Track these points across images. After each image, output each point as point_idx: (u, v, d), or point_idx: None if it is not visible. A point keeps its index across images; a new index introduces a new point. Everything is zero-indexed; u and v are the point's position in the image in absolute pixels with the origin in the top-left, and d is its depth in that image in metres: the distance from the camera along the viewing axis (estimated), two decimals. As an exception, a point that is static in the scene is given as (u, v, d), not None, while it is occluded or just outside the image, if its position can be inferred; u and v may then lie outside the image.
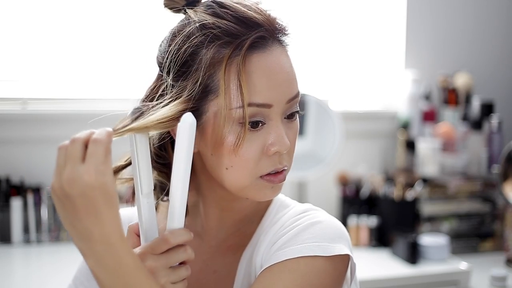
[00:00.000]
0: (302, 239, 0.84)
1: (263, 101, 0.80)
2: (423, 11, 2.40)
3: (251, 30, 0.81)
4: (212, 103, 0.80)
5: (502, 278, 1.77)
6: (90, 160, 0.69)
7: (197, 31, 0.81)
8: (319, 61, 2.34)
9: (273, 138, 0.81)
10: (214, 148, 0.81)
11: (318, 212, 0.89)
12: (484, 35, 2.48)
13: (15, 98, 2.03)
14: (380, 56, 2.40)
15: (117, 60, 2.10)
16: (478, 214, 2.12)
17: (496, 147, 2.19)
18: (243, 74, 0.79)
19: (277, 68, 0.81)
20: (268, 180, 0.83)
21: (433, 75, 2.37)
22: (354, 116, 2.32)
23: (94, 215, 0.69)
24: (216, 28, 0.80)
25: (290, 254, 0.82)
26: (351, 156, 2.28)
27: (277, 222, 0.90)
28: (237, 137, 0.79)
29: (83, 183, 0.68)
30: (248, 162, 0.81)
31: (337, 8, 2.35)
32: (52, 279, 1.67)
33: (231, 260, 0.92)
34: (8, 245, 1.93)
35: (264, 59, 0.81)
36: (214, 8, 0.83)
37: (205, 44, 0.80)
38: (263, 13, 0.83)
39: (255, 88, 0.79)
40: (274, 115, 0.81)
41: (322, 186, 2.22)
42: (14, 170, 2.01)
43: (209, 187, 0.89)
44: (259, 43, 0.81)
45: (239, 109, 0.79)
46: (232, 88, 0.79)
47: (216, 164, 0.82)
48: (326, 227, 0.86)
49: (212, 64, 0.80)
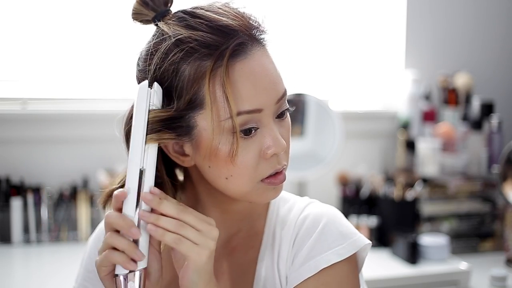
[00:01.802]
0: (326, 246, 0.87)
1: (252, 108, 0.79)
2: (423, 11, 2.40)
3: (229, 38, 0.79)
4: (200, 117, 0.79)
5: (502, 278, 1.77)
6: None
7: (174, 47, 0.79)
8: (319, 61, 2.34)
9: (269, 141, 0.81)
10: (211, 160, 0.81)
11: (317, 208, 0.93)
12: (484, 35, 2.48)
13: (15, 98, 2.03)
14: (380, 56, 2.40)
15: (117, 60, 2.10)
16: (478, 214, 2.12)
17: (496, 147, 2.19)
18: (228, 85, 0.78)
19: (261, 72, 0.80)
20: (269, 182, 0.83)
21: (433, 75, 2.37)
22: (354, 116, 2.32)
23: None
24: (193, 42, 0.79)
25: (319, 265, 0.86)
26: (351, 156, 2.28)
27: (286, 224, 0.92)
28: (231, 147, 0.79)
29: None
30: (247, 169, 0.81)
31: (337, 8, 2.35)
32: (52, 279, 1.67)
33: (242, 262, 0.92)
34: (8, 245, 1.93)
35: (247, 65, 0.80)
36: (187, 20, 0.81)
37: (184, 59, 0.79)
38: (238, 17, 0.81)
39: (242, 96, 0.78)
40: (265, 118, 0.81)
41: (322, 186, 2.22)
42: (14, 170, 2.01)
43: (208, 194, 0.89)
44: (239, 50, 0.79)
45: (229, 119, 0.78)
46: (218, 100, 0.78)
47: (215, 175, 0.82)
48: (337, 224, 0.90)
49: (195, 79, 0.78)
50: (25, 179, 2.01)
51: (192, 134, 0.80)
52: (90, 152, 2.07)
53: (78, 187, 2.02)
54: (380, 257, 1.93)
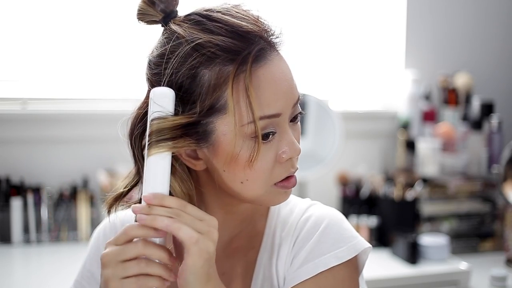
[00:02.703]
0: (325, 249, 0.87)
1: (273, 112, 0.79)
2: (423, 11, 2.39)
3: (250, 43, 0.79)
4: (220, 122, 0.78)
5: (502, 278, 1.77)
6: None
7: (194, 51, 0.78)
8: (319, 61, 2.34)
9: (285, 146, 0.82)
10: (228, 165, 0.80)
11: (319, 210, 0.92)
12: (484, 35, 2.48)
13: (15, 98, 2.03)
14: (380, 56, 2.40)
15: (118, 60, 2.10)
16: (478, 214, 2.12)
17: (496, 147, 2.19)
18: (251, 90, 0.77)
19: (281, 77, 0.81)
20: (282, 186, 0.84)
21: (433, 75, 2.37)
22: (354, 116, 2.32)
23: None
24: (214, 47, 0.78)
25: (318, 267, 0.86)
26: (351, 156, 2.28)
27: (287, 225, 0.92)
28: (251, 152, 0.79)
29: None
30: (264, 173, 0.81)
31: (337, 8, 2.35)
32: (52, 279, 1.67)
33: (242, 263, 0.92)
34: (8, 245, 1.93)
35: (268, 71, 0.79)
36: (205, 23, 0.80)
37: (204, 64, 0.78)
38: (256, 21, 0.81)
39: (263, 101, 0.78)
40: (282, 122, 0.81)
41: (322, 186, 2.22)
42: (14, 170, 2.01)
43: (214, 196, 0.88)
44: (260, 55, 0.79)
45: (251, 124, 0.78)
46: (241, 105, 0.78)
47: (230, 179, 0.82)
48: (337, 227, 0.89)
49: (217, 84, 0.78)
50: (25, 179, 2.01)
51: (210, 139, 0.80)
52: (90, 152, 2.07)
53: (78, 187, 2.02)
54: (380, 257, 1.93)
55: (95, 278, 0.95)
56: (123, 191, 0.85)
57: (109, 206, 0.85)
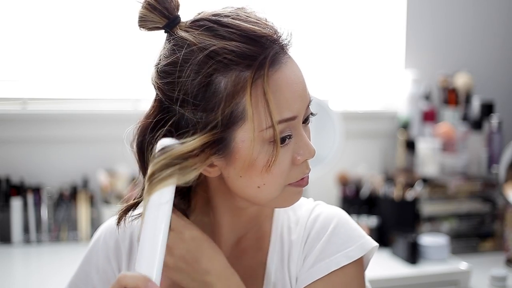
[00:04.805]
0: (336, 249, 0.88)
1: (290, 115, 0.79)
2: (423, 11, 2.40)
3: (264, 47, 0.78)
4: (239, 130, 0.78)
5: (502, 278, 1.77)
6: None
7: (208, 59, 0.76)
8: (319, 61, 2.34)
9: (300, 148, 0.82)
10: (245, 170, 0.79)
11: (326, 209, 0.94)
12: (484, 35, 2.48)
13: (15, 98, 2.04)
14: (380, 56, 2.40)
15: (117, 60, 2.10)
16: (478, 214, 2.12)
17: (496, 147, 2.19)
18: (270, 95, 0.77)
19: (295, 80, 0.81)
20: (297, 185, 0.84)
21: (433, 75, 2.37)
22: (354, 116, 2.32)
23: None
24: (230, 53, 0.76)
25: (330, 267, 0.87)
26: (351, 156, 2.28)
27: (296, 225, 0.92)
28: (269, 156, 0.79)
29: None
30: (281, 177, 0.81)
31: (337, 8, 2.35)
32: (52, 279, 1.67)
33: (251, 264, 0.92)
34: (8, 245, 1.93)
35: (283, 75, 0.79)
36: (216, 29, 0.78)
37: (220, 71, 0.76)
38: (267, 25, 0.80)
39: (281, 104, 0.78)
40: (297, 125, 0.82)
41: (322, 186, 2.22)
42: (14, 170, 2.01)
43: (224, 201, 0.88)
44: (275, 59, 0.79)
45: (269, 129, 0.77)
46: (260, 110, 0.77)
47: (246, 184, 0.81)
48: (346, 226, 0.91)
49: (234, 91, 0.76)
50: (25, 179, 2.01)
51: (229, 147, 0.79)
52: (90, 152, 2.07)
53: (78, 187, 2.02)
54: (380, 257, 1.93)
55: (91, 282, 0.95)
56: (136, 202, 0.85)
57: (120, 217, 0.85)
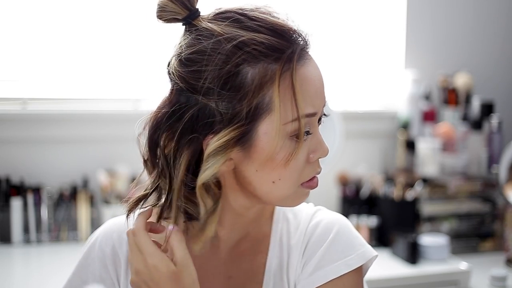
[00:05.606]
0: (336, 256, 0.88)
1: (312, 111, 0.80)
2: (423, 11, 2.39)
3: (292, 41, 0.79)
4: (264, 122, 0.78)
5: (502, 278, 1.77)
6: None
7: (237, 49, 0.76)
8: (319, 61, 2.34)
9: (315, 145, 0.83)
10: (264, 164, 0.79)
11: (327, 215, 0.93)
12: (484, 35, 2.48)
13: (15, 98, 2.03)
14: (380, 56, 2.40)
15: (117, 60, 2.10)
16: (478, 214, 2.12)
17: (496, 147, 2.19)
18: (298, 88, 0.77)
19: (318, 76, 0.82)
20: (308, 186, 0.85)
21: (433, 75, 2.37)
22: (354, 116, 2.32)
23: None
24: (259, 45, 0.77)
25: (329, 275, 0.87)
26: (351, 156, 2.28)
27: (296, 230, 0.92)
28: (289, 150, 0.78)
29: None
30: (296, 173, 0.81)
31: (337, 8, 2.35)
32: (52, 279, 1.67)
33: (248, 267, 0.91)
34: (8, 245, 1.93)
35: (307, 70, 0.80)
36: (243, 21, 0.79)
37: (248, 61, 0.77)
38: (292, 21, 0.81)
39: (306, 99, 0.79)
40: (315, 122, 0.82)
41: (322, 186, 2.17)
42: (14, 170, 2.01)
43: (231, 198, 0.86)
44: (302, 54, 0.80)
45: (294, 122, 0.78)
46: (286, 103, 0.77)
47: (261, 179, 0.81)
48: (347, 234, 0.91)
49: (262, 82, 0.77)
50: (25, 179, 2.01)
51: (250, 141, 0.78)
52: (90, 152, 2.07)
53: (78, 187, 2.02)
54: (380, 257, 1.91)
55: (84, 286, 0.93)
56: (146, 193, 0.84)
57: (130, 209, 0.85)
